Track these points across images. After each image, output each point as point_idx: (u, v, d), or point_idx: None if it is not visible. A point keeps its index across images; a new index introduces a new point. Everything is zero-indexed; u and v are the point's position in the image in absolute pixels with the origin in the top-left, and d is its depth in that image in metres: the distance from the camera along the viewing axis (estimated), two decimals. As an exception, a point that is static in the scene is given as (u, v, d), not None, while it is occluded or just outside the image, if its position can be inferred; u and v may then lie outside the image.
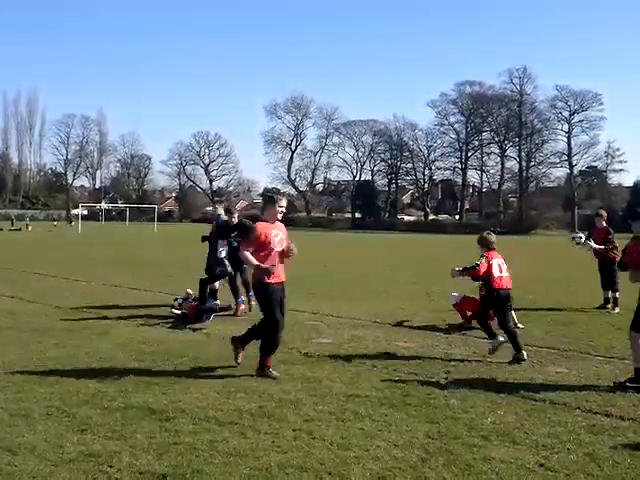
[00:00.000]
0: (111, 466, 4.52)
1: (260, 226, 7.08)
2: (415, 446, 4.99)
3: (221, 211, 11.65)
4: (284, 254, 7.16)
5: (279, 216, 7.19)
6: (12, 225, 62.42)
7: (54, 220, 78.88)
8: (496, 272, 8.13)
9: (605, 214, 13.01)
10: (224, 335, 9.22)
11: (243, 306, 11.24)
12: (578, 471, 4.55)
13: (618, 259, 8.51)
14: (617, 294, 12.26)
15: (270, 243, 7.04)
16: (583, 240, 12.34)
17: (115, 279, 16.26)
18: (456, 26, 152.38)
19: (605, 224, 12.60)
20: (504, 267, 8.25)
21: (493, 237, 8.61)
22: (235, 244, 10.67)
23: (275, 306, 7.03)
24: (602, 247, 12.19)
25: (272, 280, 6.99)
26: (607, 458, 4.79)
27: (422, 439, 5.15)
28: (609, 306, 12.28)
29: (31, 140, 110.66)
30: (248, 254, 7.02)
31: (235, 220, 11.19)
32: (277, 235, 7.12)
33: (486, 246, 8.42)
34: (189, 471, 4.44)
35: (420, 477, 4.43)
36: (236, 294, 11.30)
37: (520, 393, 6.46)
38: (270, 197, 7.37)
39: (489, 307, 8.29)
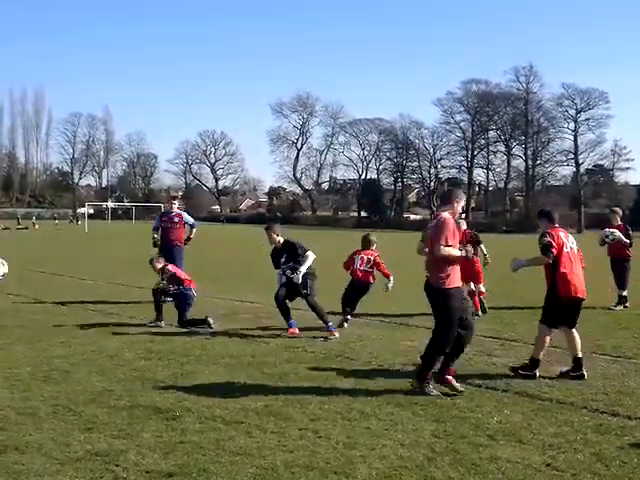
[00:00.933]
0: (117, 465, 4.53)
1: (449, 219, 6.48)
2: (421, 445, 4.98)
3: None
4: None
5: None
6: (18, 224, 62.57)
7: (55, 219, 78.09)
8: (357, 264, 10.12)
9: (620, 211, 13.08)
10: (230, 333, 9.26)
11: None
12: (585, 471, 4.54)
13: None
14: (625, 292, 12.26)
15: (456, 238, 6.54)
16: (617, 234, 12.29)
17: (121, 277, 16.30)
18: (462, 24, 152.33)
19: (620, 221, 12.64)
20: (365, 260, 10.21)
21: (373, 237, 10.54)
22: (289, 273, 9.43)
23: (455, 316, 6.42)
24: (627, 241, 12.41)
25: (451, 285, 6.45)
26: (614, 458, 4.77)
27: (428, 438, 5.14)
28: (614, 305, 12.24)
29: (38, 139, 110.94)
30: (445, 248, 6.35)
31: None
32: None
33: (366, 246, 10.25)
34: (195, 470, 4.45)
35: (426, 476, 4.42)
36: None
37: (526, 392, 6.44)
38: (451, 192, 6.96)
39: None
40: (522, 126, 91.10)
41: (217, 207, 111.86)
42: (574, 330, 7.22)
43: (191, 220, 13.25)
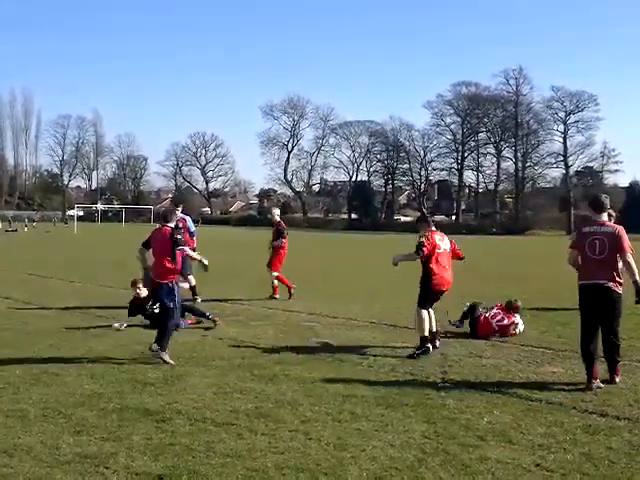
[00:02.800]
0: (107, 467, 4.51)
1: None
2: (412, 446, 4.99)
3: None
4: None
5: None
6: (10, 226, 62.16)
7: (33, 221, 72.95)
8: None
9: (613, 213, 13.06)
10: (220, 336, 9.24)
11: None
12: (574, 471, 4.56)
13: None
14: None
15: None
16: None
17: (111, 280, 16.23)
18: (452, 27, 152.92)
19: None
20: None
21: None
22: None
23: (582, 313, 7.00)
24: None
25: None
26: (603, 458, 4.80)
27: (419, 439, 5.15)
28: None
29: (27, 141, 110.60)
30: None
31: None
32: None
33: None
34: (185, 472, 4.44)
35: (417, 477, 4.43)
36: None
37: (516, 393, 6.47)
38: None
39: None
40: (512, 128, 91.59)
41: (207, 209, 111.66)
42: (431, 311, 8.54)
43: (193, 227, 12.40)
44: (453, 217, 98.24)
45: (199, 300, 11.61)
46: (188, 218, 12.48)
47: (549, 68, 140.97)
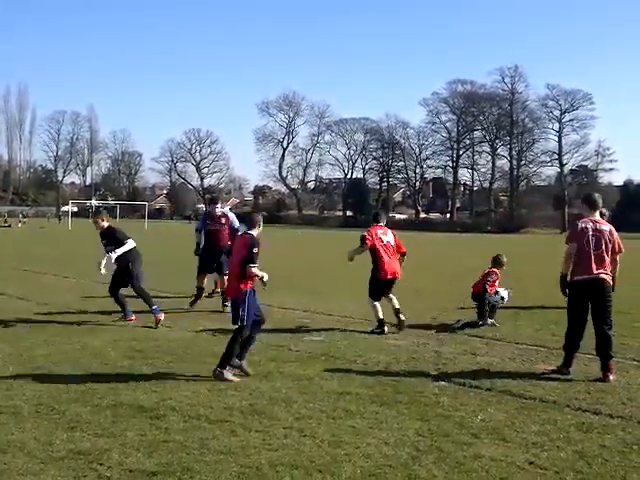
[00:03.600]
0: (101, 464, 4.50)
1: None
2: (406, 444, 5.00)
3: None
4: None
5: None
6: (5, 222, 61.69)
7: (23, 217, 68.08)
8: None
9: (607, 213, 13.05)
10: (215, 332, 9.23)
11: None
12: (567, 469, 4.58)
13: None
14: None
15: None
16: None
17: (105, 277, 16.17)
18: (448, 24, 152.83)
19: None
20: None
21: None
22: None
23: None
24: None
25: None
26: (596, 456, 4.82)
27: (413, 437, 5.16)
28: None
29: (21, 136, 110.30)
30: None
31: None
32: None
33: None
34: (179, 469, 4.43)
35: (410, 475, 4.44)
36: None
37: (510, 391, 6.48)
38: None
39: None
40: (507, 126, 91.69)
41: (202, 206, 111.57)
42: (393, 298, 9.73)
43: (236, 223, 11.70)
44: (448, 215, 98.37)
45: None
46: (232, 214, 12.09)
47: (545, 66, 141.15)
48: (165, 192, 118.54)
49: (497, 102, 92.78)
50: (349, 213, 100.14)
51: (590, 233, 7.06)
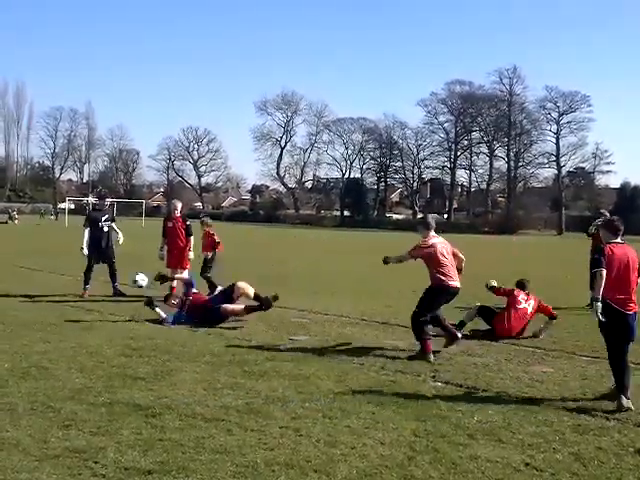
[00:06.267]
0: (96, 462, 4.49)
1: None
2: (402, 444, 4.99)
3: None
4: None
5: None
6: (12, 218, 60.78)
7: (15, 212, 64.23)
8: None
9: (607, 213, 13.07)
10: (210, 331, 9.22)
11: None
12: (563, 470, 4.58)
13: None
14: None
15: None
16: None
17: (102, 274, 16.14)
18: (447, 25, 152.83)
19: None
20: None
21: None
22: None
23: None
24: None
25: None
26: (592, 458, 4.82)
27: (409, 437, 5.15)
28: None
29: (18, 133, 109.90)
30: None
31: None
32: None
33: None
34: (175, 467, 4.42)
35: (406, 475, 4.44)
36: None
37: (507, 392, 6.49)
38: None
39: None
40: (505, 128, 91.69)
41: (199, 204, 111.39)
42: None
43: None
44: (445, 216, 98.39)
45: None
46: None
47: (543, 68, 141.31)
48: (162, 190, 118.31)
49: (495, 103, 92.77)
50: (346, 213, 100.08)
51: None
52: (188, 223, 12.62)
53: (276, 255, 24.60)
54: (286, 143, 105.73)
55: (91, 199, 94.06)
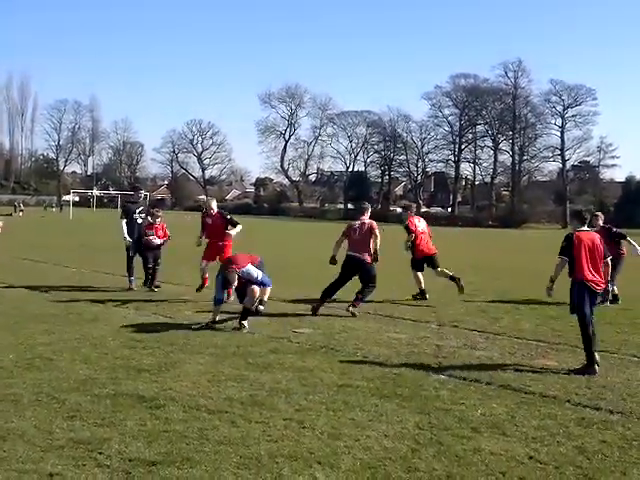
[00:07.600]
0: (100, 452, 4.51)
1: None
2: (405, 437, 5.00)
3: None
4: None
5: None
6: (15, 210, 60.73)
7: (20, 205, 62.76)
8: None
9: (602, 215, 12.91)
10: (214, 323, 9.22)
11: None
12: (567, 463, 4.58)
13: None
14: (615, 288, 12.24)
15: None
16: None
17: (106, 266, 16.18)
18: (452, 18, 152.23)
19: (603, 224, 12.49)
20: None
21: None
22: None
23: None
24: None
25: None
26: (596, 451, 4.82)
27: (412, 430, 5.15)
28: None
29: (23, 125, 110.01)
30: None
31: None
32: None
33: None
34: (179, 459, 4.44)
35: (410, 467, 4.44)
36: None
37: (510, 385, 6.48)
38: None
39: None
40: (509, 121, 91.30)
41: (203, 197, 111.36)
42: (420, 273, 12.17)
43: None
44: (449, 209, 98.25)
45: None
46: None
47: (548, 61, 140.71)
48: (166, 183, 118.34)
49: (500, 97, 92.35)
50: (350, 206, 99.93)
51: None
52: (229, 217, 12.57)
53: (279, 247, 24.58)
54: (290, 136, 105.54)
55: (96, 192, 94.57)
